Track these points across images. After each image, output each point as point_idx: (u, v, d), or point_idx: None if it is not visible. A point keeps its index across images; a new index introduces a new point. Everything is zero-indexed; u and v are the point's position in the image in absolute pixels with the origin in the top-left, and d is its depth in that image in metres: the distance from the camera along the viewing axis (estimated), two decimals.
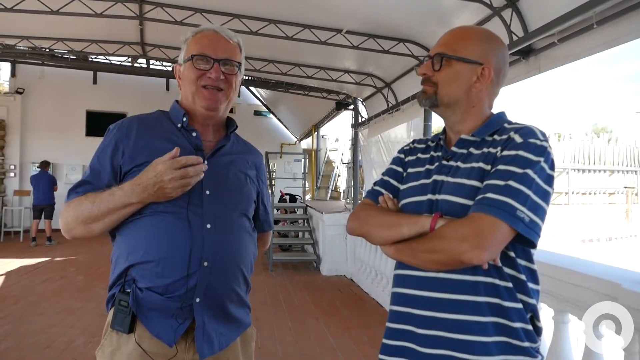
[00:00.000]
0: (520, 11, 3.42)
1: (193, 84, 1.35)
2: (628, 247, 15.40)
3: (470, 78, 1.18)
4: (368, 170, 7.47)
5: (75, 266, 7.30)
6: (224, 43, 1.37)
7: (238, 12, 5.13)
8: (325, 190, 13.52)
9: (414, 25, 4.67)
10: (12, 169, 11.48)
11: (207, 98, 1.35)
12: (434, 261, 1.06)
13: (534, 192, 1.02)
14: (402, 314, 1.17)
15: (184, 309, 1.26)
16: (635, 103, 74.95)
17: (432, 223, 1.07)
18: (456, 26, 1.25)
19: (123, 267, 1.28)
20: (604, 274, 2.02)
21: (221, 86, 1.35)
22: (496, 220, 0.99)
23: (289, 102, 11.33)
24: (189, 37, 1.39)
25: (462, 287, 1.06)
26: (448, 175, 1.15)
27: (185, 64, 1.37)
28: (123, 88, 12.13)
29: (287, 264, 7.93)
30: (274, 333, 4.36)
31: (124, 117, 1.48)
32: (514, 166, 1.04)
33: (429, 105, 1.22)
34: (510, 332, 1.04)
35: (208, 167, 1.32)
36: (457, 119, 1.22)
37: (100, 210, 1.24)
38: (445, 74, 1.18)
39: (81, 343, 3.94)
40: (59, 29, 6.61)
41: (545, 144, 1.07)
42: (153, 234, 1.25)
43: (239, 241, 1.36)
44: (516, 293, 1.06)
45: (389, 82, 6.37)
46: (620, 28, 2.70)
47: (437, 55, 1.19)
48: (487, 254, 0.99)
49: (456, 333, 1.05)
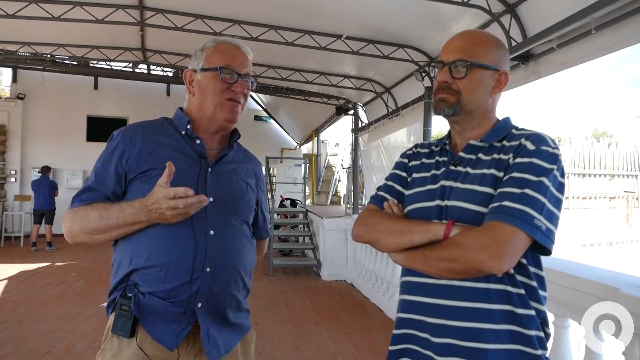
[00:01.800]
0: (519, 17, 3.44)
1: (217, 96, 1.36)
2: (629, 251, 15.36)
3: (490, 84, 1.17)
4: (368, 175, 7.48)
5: (76, 271, 7.29)
6: (244, 58, 1.41)
7: (238, 18, 5.16)
8: (325, 195, 13.52)
9: (414, 31, 4.70)
10: (13, 174, 11.50)
11: (230, 111, 1.37)
12: (450, 270, 1.04)
13: (549, 200, 1.02)
14: (413, 321, 1.15)
15: (187, 314, 1.27)
16: (635, 107, 75.04)
17: (447, 231, 1.05)
18: (456, 32, 1.24)
19: (125, 271, 1.28)
20: (603, 279, 2.02)
21: (241, 100, 1.39)
22: (515, 230, 0.98)
23: (289, 107, 11.36)
24: (210, 46, 1.40)
25: (475, 294, 1.06)
26: (457, 181, 1.14)
27: (205, 73, 1.37)
28: (124, 93, 12.16)
29: (288, 269, 7.92)
30: (274, 338, 4.35)
31: (125, 122, 1.49)
32: (528, 174, 1.03)
33: (450, 113, 1.18)
34: (525, 340, 1.03)
35: (212, 174, 1.34)
36: (472, 125, 1.20)
37: (109, 224, 1.25)
38: (468, 81, 1.15)
39: (81, 349, 3.93)
40: (60, 35, 6.65)
41: (557, 152, 1.07)
42: (157, 239, 1.26)
43: (240, 248, 1.38)
44: (529, 300, 1.06)
45: (389, 87, 6.39)
46: (619, 34, 2.72)
47: (460, 62, 1.16)
48: (506, 264, 0.99)
49: (470, 341, 1.04)
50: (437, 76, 1.21)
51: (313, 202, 12.80)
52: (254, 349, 1.51)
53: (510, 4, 3.44)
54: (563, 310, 2.22)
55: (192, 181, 1.31)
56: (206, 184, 1.33)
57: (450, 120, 1.22)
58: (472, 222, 1.06)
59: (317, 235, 7.96)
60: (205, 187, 1.31)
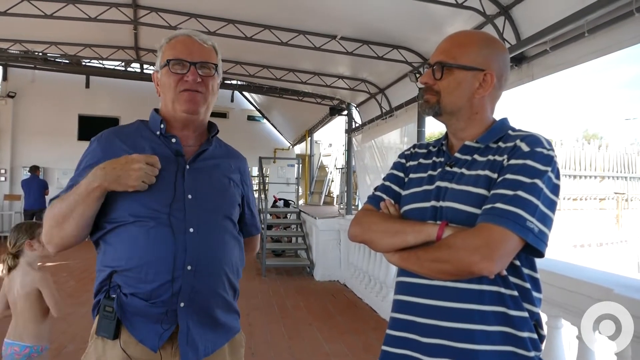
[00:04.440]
0: (512, 19, 3.47)
1: (171, 89, 1.34)
2: (619, 252, 15.52)
3: (472, 85, 1.16)
4: (361, 176, 7.49)
5: (67, 271, 7.22)
6: (198, 46, 1.36)
7: (233, 17, 5.15)
8: (318, 196, 13.54)
9: (408, 32, 4.72)
10: (3, 173, 11.39)
11: (186, 101, 1.34)
12: (442, 271, 1.05)
13: (542, 202, 1.01)
14: (405, 321, 1.15)
15: (169, 315, 1.25)
16: (625, 110, 75.89)
17: (439, 232, 1.06)
18: (450, 33, 1.24)
19: (107, 273, 1.27)
20: (597, 279, 2.04)
21: (199, 89, 1.35)
22: (506, 232, 0.98)
23: (283, 107, 11.36)
24: (163, 43, 1.39)
25: (467, 295, 1.05)
26: (452, 182, 1.14)
27: (161, 70, 1.37)
28: (116, 92, 12.07)
29: (281, 269, 7.91)
30: (267, 339, 4.34)
31: (117, 122, 1.48)
32: (522, 176, 1.03)
33: (432, 114, 1.20)
34: (517, 342, 1.03)
35: (190, 171, 1.33)
36: (460, 126, 1.20)
37: (69, 204, 1.23)
38: (447, 82, 1.16)
39: (72, 349, 3.89)
40: (52, 33, 6.58)
41: (552, 154, 1.06)
42: (135, 240, 1.24)
43: (222, 244, 1.36)
44: (522, 302, 1.05)
45: (383, 88, 6.41)
46: (611, 36, 2.74)
47: (437, 64, 1.17)
48: (497, 265, 0.99)
49: (461, 342, 1.04)
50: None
51: (306, 202, 12.80)
52: (248, 350, 1.49)
53: (504, 6, 3.47)
54: (556, 310, 2.24)
55: (170, 180, 1.30)
56: (184, 182, 1.31)
57: (438, 120, 1.23)
58: (466, 223, 1.06)
59: (310, 235, 7.95)
60: (183, 185, 1.30)
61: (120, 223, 1.26)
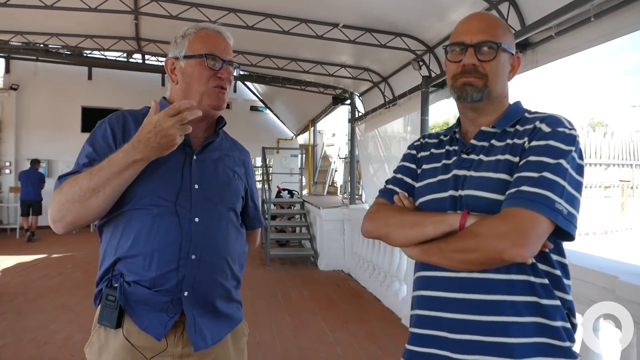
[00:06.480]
0: (517, 4, 3.41)
1: (204, 83, 1.33)
2: (624, 240, 15.50)
3: (507, 68, 1.15)
4: (365, 165, 7.46)
5: (73, 262, 7.28)
6: (227, 44, 1.40)
7: (234, 6, 5.10)
8: (322, 186, 13.51)
9: (411, 20, 4.65)
10: (8, 166, 11.42)
11: (218, 98, 1.36)
12: (469, 261, 0.99)
13: (569, 183, 0.98)
14: (431, 318, 1.09)
15: (174, 303, 1.26)
16: (631, 97, 75.21)
17: (462, 221, 1.00)
18: (455, 20, 1.23)
19: (110, 260, 1.27)
20: (602, 267, 2.03)
21: (227, 86, 1.38)
22: (536, 215, 0.93)
23: (286, 97, 11.31)
24: (192, 33, 1.37)
25: (497, 286, 1.01)
26: (470, 170, 1.09)
27: (188, 60, 1.34)
28: (118, 83, 12.04)
29: (285, 259, 7.94)
30: (272, 328, 4.37)
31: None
32: (545, 157, 0.99)
33: (478, 98, 1.12)
34: (551, 332, 0.99)
35: (197, 162, 1.33)
36: (489, 110, 1.15)
37: (101, 177, 1.17)
38: (495, 64, 1.11)
39: (80, 339, 3.93)
40: (53, 24, 6.55)
41: (574, 133, 1.03)
42: (141, 227, 1.24)
43: (226, 235, 1.36)
44: (553, 290, 1.01)
45: (386, 76, 6.35)
46: (618, 21, 2.70)
47: (487, 43, 1.10)
48: (530, 251, 0.93)
49: (493, 336, 0.99)
50: (452, 58, 1.15)
51: (310, 192, 12.80)
52: (252, 339, 1.50)
53: None
54: None
55: (177, 169, 1.30)
56: (191, 172, 1.32)
57: (472, 106, 1.15)
58: (488, 210, 1.01)
59: (314, 225, 7.96)
60: (190, 175, 1.31)
61: (126, 209, 1.26)
